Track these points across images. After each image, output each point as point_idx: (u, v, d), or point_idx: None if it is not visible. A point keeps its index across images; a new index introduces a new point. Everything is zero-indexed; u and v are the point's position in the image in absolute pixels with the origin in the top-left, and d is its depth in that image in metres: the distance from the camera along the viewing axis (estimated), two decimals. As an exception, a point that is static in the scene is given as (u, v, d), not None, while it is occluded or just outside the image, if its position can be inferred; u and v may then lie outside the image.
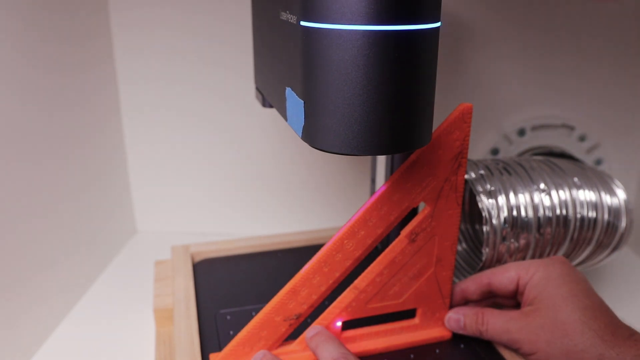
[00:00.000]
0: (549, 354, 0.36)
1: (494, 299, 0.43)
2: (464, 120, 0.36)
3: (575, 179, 0.48)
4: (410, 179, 0.37)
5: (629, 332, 0.36)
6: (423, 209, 0.38)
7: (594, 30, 0.59)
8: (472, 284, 0.42)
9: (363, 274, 0.39)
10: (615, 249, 0.49)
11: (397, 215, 0.37)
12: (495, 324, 0.39)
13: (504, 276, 0.41)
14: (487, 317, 0.40)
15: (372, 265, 0.38)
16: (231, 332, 0.42)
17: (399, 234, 0.39)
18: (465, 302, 0.43)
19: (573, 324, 0.36)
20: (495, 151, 0.64)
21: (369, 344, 0.41)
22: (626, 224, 0.48)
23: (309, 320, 0.39)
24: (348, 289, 0.39)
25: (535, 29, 0.59)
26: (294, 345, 0.39)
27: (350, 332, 0.40)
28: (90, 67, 0.55)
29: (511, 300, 0.42)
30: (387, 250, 0.38)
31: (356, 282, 0.39)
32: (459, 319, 0.41)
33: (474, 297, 0.42)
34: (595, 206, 0.47)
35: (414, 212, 0.39)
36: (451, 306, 0.43)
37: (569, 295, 0.37)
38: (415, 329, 0.42)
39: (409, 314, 0.42)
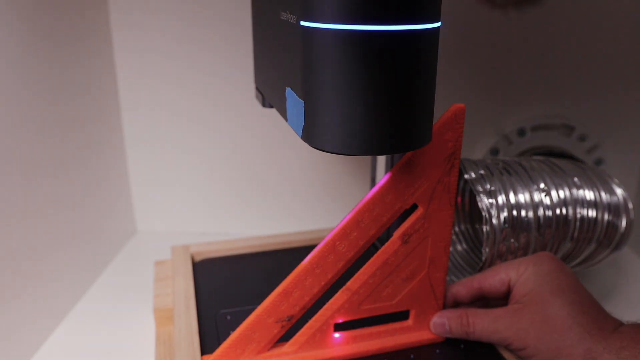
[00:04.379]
0: (538, 349, 0.37)
1: (485, 301, 0.43)
2: (456, 120, 0.36)
3: (575, 179, 0.48)
4: (403, 180, 0.37)
5: (614, 325, 0.36)
6: (416, 210, 0.38)
7: (594, 29, 0.59)
8: (463, 288, 0.42)
9: (355, 275, 0.38)
10: (615, 248, 0.49)
11: (390, 216, 0.37)
12: (482, 324, 0.39)
13: (494, 279, 0.41)
14: (472, 318, 0.40)
15: (365, 266, 0.38)
16: (231, 332, 0.42)
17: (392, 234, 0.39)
18: (457, 305, 0.43)
19: (562, 320, 0.36)
20: (495, 151, 0.64)
21: (362, 345, 0.40)
22: (626, 224, 0.48)
23: (301, 321, 0.39)
24: (340, 291, 0.39)
25: (535, 29, 0.59)
26: (287, 347, 0.39)
27: (344, 334, 0.40)
28: (91, 67, 0.55)
29: (503, 301, 0.42)
30: (379, 251, 0.38)
31: (349, 283, 0.39)
32: (444, 323, 0.41)
33: (465, 300, 0.43)
34: (595, 206, 0.47)
35: (407, 213, 0.38)
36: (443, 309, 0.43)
37: (558, 291, 0.38)
38: (408, 330, 0.42)
39: (403, 315, 0.42)
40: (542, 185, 0.46)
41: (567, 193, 0.47)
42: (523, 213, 0.45)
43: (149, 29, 0.59)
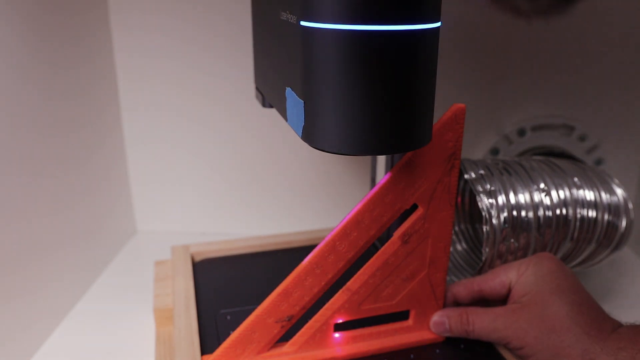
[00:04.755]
0: (536, 348, 0.37)
1: (485, 303, 0.43)
2: (457, 121, 0.36)
3: (575, 179, 0.48)
4: (403, 180, 0.37)
5: (612, 325, 0.36)
6: (416, 210, 0.38)
7: (595, 29, 0.59)
8: (463, 289, 0.42)
9: (356, 276, 0.38)
10: (615, 248, 0.49)
11: (390, 216, 0.37)
12: (481, 323, 0.39)
13: (494, 281, 0.41)
14: (472, 316, 0.40)
15: (365, 266, 0.38)
16: (231, 332, 0.42)
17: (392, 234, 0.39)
18: (457, 305, 0.43)
19: (560, 320, 0.36)
20: (495, 151, 0.64)
21: (363, 345, 0.40)
22: (626, 224, 0.48)
23: (301, 321, 0.39)
24: (341, 291, 0.39)
25: (535, 28, 0.59)
26: (287, 347, 0.39)
27: (344, 334, 0.40)
28: (90, 67, 0.55)
29: (503, 303, 0.42)
30: (380, 251, 0.38)
31: (349, 283, 0.39)
32: (444, 322, 0.41)
33: (465, 301, 0.43)
34: (595, 206, 0.47)
35: (407, 213, 0.38)
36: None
37: (557, 291, 0.38)
38: (408, 330, 0.42)
39: (403, 315, 0.42)
40: (542, 186, 0.46)
41: (567, 193, 0.47)
42: (523, 213, 0.45)
43: (149, 29, 0.59)
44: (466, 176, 0.47)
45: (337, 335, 0.40)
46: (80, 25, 0.53)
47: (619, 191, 0.49)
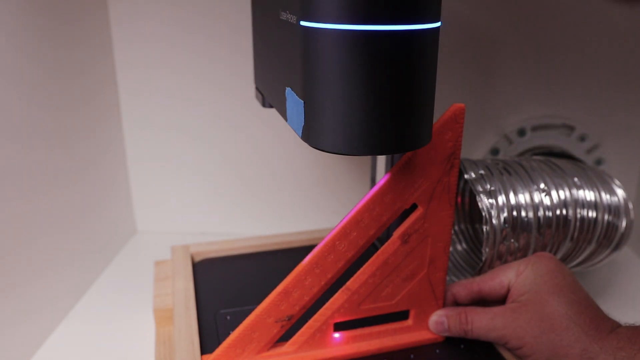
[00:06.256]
0: (535, 348, 0.37)
1: (485, 303, 0.43)
2: (456, 120, 0.36)
3: (575, 179, 0.48)
4: (403, 180, 0.37)
5: (611, 325, 0.36)
6: (416, 210, 0.38)
7: (595, 29, 0.59)
8: (463, 290, 0.42)
9: (355, 275, 0.38)
10: (615, 249, 0.49)
11: (390, 216, 0.37)
12: (480, 322, 0.39)
13: (494, 282, 0.41)
14: (470, 316, 0.40)
15: (365, 266, 0.38)
16: (231, 332, 0.42)
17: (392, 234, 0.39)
18: (456, 305, 0.43)
19: (559, 319, 0.36)
20: (495, 151, 0.64)
21: (362, 345, 0.40)
22: (626, 224, 0.48)
23: (301, 321, 0.39)
24: (340, 290, 0.39)
25: (535, 29, 0.59)
26: (286, 346, 0.39)
27: (343, 334, 0.40)
28: (91, 66, 0.55)
29: (502, 303, 0.42)
30: (379, 251, 0.38)
31: (348, 283, 0.39)
32: (443, 321, 0.41)
33: (465, 302, 0.43)
34: (595, 206, 0.47)
35: (407, 213, 0.38)
36: None
37: (556, 291, 0.38)
38: (408, 330, 0.42)
39: (403, 315, 0.42)
40: (542, 186, 0.46)
41: (567, 193, 0.47)
42: (523, 213, 0.45)
43: (149, 35, 0.59)
44: (466, 176, 0.47)
45: (337, 335, 0.40)
46: (80, 29, 0.53)
47: (619, 191, 0.49)
